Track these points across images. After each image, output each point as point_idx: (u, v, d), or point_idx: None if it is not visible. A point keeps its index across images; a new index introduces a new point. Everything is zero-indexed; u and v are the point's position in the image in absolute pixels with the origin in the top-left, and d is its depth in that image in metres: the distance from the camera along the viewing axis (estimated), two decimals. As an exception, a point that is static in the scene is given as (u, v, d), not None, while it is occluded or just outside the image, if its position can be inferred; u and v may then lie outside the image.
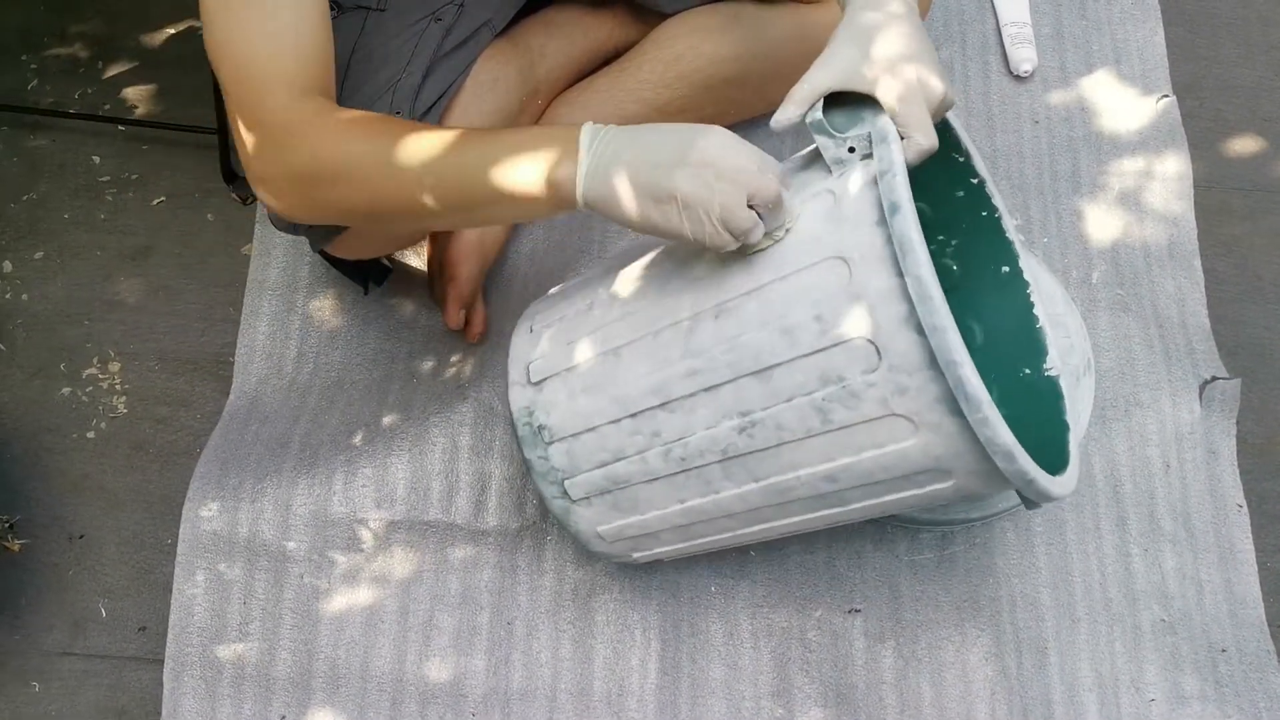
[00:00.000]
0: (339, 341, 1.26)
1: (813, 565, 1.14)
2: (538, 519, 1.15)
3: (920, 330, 0.81)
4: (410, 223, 1.05)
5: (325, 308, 1.27)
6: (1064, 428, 0.98)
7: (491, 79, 1.15)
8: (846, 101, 0.86)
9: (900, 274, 0.81)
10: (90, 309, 1.29)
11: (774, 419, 0.87)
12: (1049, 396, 1.01)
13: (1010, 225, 1.04)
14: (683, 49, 1.22)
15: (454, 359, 1.24)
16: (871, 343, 0.83)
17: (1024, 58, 1.40)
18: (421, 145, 0.90)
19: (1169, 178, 1.34)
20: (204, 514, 1.13)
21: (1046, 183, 1.34)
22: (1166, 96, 1.39)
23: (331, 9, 1.10)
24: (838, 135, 0.85)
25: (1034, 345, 1.03)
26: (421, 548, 1.13)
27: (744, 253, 0.87)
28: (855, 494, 0.91)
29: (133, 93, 1.40)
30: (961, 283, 1.06)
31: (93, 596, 1.16)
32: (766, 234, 0.85)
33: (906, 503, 0.92)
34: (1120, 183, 1.34)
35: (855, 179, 0.84)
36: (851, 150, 0.85)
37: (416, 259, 1.29)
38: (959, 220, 1.05)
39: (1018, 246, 1.04)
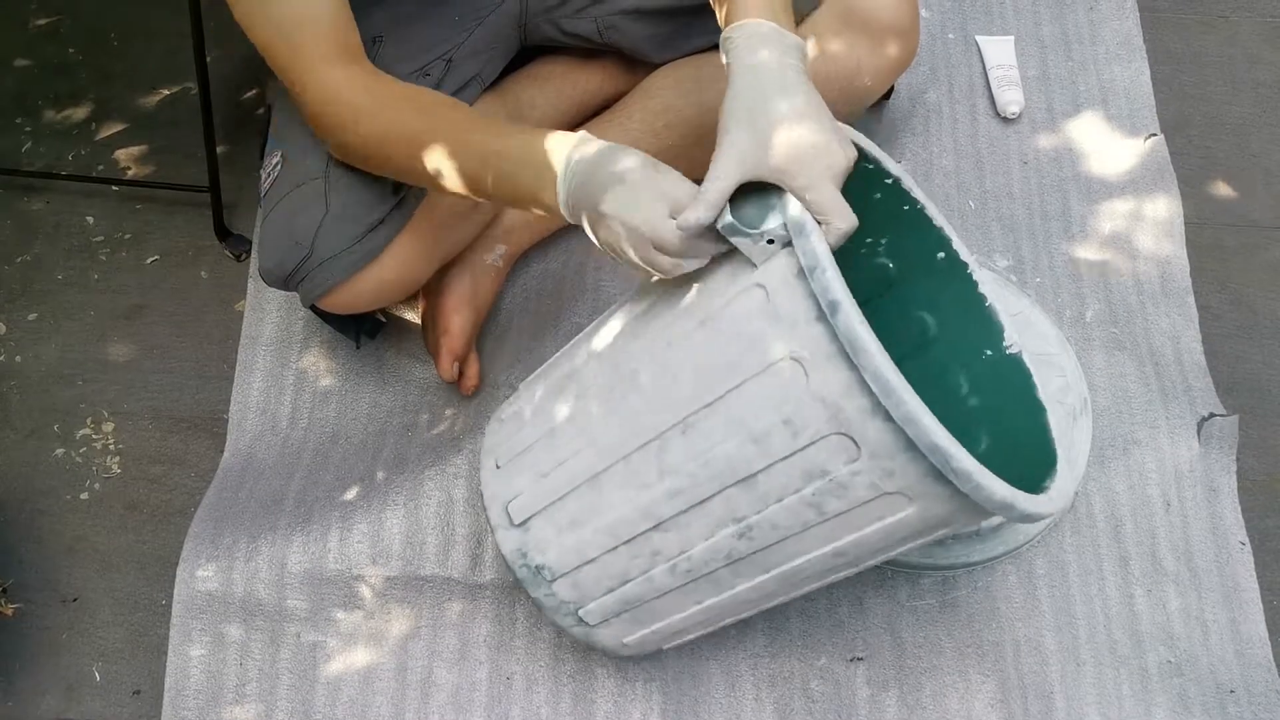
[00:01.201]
0: (333, 397, 1.25)
1: (814, 613, 1.13)
2: (535, 572, 1.14)
3: (888, 418, 0.80)
4: (461, 192, 1.05)
5: (319, 363, 1.27)
6: (1040, 409, 0.97)
7: (481, 132, 1.16)
8: (752, 187, 0.84)
9: (854, 367, 0.80)
10: (84, 369, 1.29)
11: (769, 520, 0.88)
12: (1017, 376, 1.00)
13: (935, 212, 1.02)
14: (671, 98, 1.23)
15: (448, 411, 1.23)
16: (845, 435, 0.82)
17: (1011, 100, 1.40)
18: (440, 144, 0.96)
19: (1159, 215, 1.34)
20: (199, 574, 1.12)
21: (1037, 223, 1.34)
22: (1154, 135, 1.39)
23: (321, 67, 1.11)
24: (753, 232, 0.83)
25: (988, 325, 1.02)
26: (418, 603, 1.12)
27: (689, 278, 0.88)
28: (866, 555, 0.91)
29: (125, 154, 1.41)
30: (901, 277, 1.05)
31: (87, 660, 1.15)
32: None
33: (910, 550, 0.93)
34: (1111, 221, 1.34)
35: (780, 269, 0.83)
36: (770, 242, 0.83)
37: (410, 312, 1.29)
38: (882, 219, 1.02)
39: (947, 230, 1.02)
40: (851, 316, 0.79)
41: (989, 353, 1.02)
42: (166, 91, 1.45)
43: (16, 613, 1.15)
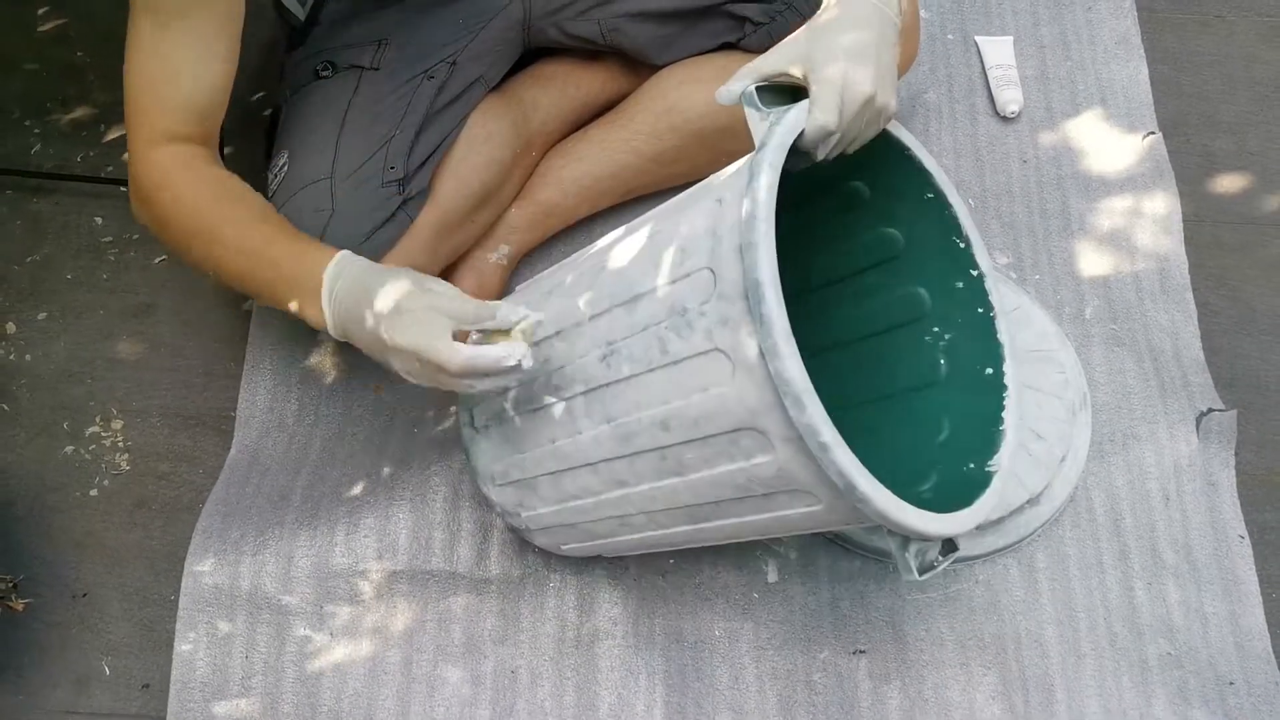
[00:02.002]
0: (339, 394, 1.27)
1: (816, 606, 1.14)
2: (540, 566, 1.15)
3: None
4: (225, 286, 1.11)
5: (326, 361, 1.28)
6: (971, 509, 0.92)
7: (485, 133, 1.17)
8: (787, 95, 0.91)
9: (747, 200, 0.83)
10: (93, 368, 1.30)
11: (627, 348, 0.89)
12: (974, 488, 0.96)
13: (1003, 327, 1.02)
14: (674, 100, 1.25)
15: (453, 408, 1.24)
16: (711, 270, 0.84)
17: (1010, 99, 1.42)
18: (228, 232, 0.98)
19: (1158, 213, 1.35)
20: (206, 569, 1.13)
21: (1036, 221, 1.36)
22: (1152, 133, 1.40)
23: (325, 70, 1.13)
24: (763, 109, 0.89)
25: (989, 444, 0.99)
26: (424, 598, 1.13)
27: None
28: (689, 455, 0.88)
29: (134, 155, 1.42)
30: (946, 380, 1.05)
31: (96, 655, 1.16)
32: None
33: (739, 482, 0.87)
34: (1109, 219, 1.35)
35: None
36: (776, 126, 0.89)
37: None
38: (955, 314, 1.04)
39: (1006, 349, 1.02)
40: (764, 164, 0.83)
41: (970, 466, 0.99)
42: (174, 94, 1.46)
43: (27, 608, 1.16)
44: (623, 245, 0.94)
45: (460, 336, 0.89)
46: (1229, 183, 1.42)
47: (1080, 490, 1.19)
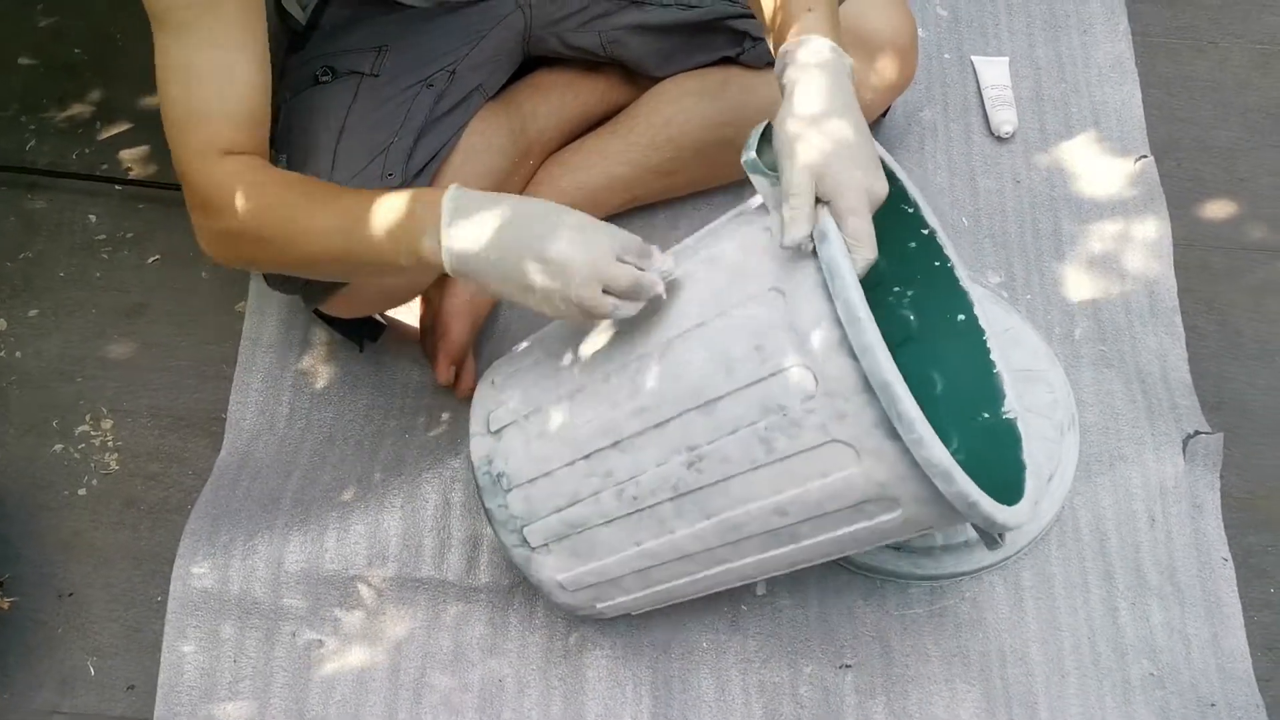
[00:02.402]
0: (331, 398, 1.27)
1: (804, 620, 1.14)
2: (529, 575, 1.15)
3: (852, 354, 0.82)
4: (329, 278, 1.08)
5: (318, 365, 1.28)
6: (1021, 467, 0.99)
7: (484, 142, 1.17)
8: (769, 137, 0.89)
9: (830, 299, 0.82)
10: (83, 366, 1.30)
11: (719, 452, 0.89)
12: (1008, 439, 1.02)
13: (963, 274, 1.06)
14: (673, 112, 1.25)
15: (445, 415, 1.25)
16: (808, 369, 0.84)
17: (1004, 119, 1.43)
18: (314, 216, 0.93)
19: (1149, 236, 1.37)
20: (194, 571, 1.13)
21: (1029, 241, 1.37)
22: (1145, 157, 1.42)
23: (324, 75, 1.13)
24: (770, 175, 0.87)
25: (991, 390, 1.04)
26: (413, 605, 1.13)
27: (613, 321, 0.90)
28: (806, 528, 0.91)
29: (129, 153, 1.42)
30: (920, 334, 1.08)
31: (81, 655, 1.15)
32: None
33: (860, 537, 0.92)
34: (1101, 241, 1.37)
35: None
36: None
37: (409, 316, 1.30)
38: (913, 271, 1.07)
39: (971, 295, 1.06)
40: (836, 246, 0.82)
41: (986, 415, 1.04)
42: (170, 93, 1.46)
43: (12, 607, 1.15)
44: (660, 344, 0.90)
45: None
46: (1219, 208, 1.44)
47: (1067, 510, 1.20)
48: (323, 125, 1.11)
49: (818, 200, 0.84)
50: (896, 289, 1.08)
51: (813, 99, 0.86)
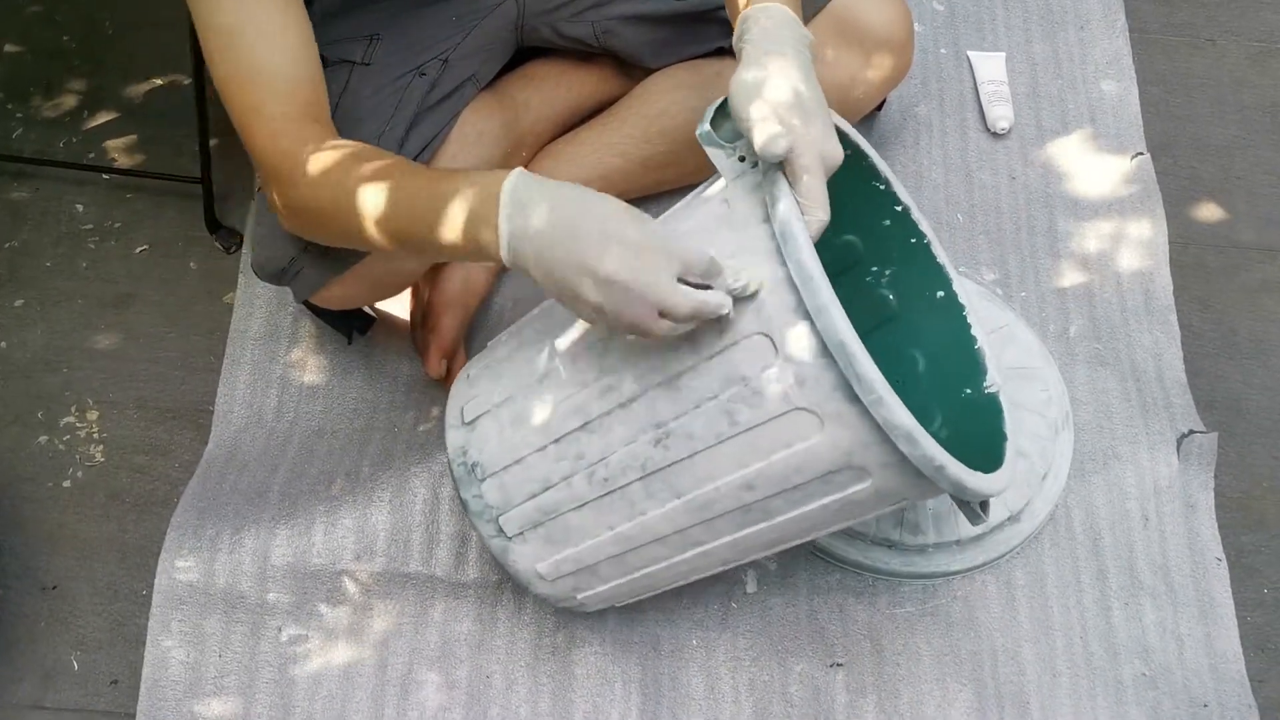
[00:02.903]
0: (320, 391, 1.25)
1: (794, 618, 1.14)
2: (518, 571, 1.14)
3: (809, 316, 0.81)
4: (401, 254, 1.06)
5: (307, 358, 1.27)
6: (1003, 438, 0.98)
7: (476, 132, 1.16)
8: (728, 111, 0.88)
9: (785, 263, 0.82)
10: (69, 357, 1.28)
11: (685, 428, 0.88)
12: (990, 413, 1.01)
13: (939, 250, 1.06)
14: (666, 104, 1.24)
15: (435, 410, 1.23)
16: (766, 336, 0.83)
17: (1001, 115, 1.42)
18: (380, 193, 0.91)
19: (1144, 234, 1.36)
20: (180, 565, 1.12)
21: (1024, 238, 1.36)
22: (1141, 154, 1.41)
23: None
24: (726, 146, 0.87)
25: (973, 365, 1.04)
26: (401, 600, 1.12)
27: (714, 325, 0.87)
28: (778, 503, 0.90)
29: (117, 143, 1.41)
30: (900, 312, 1.07)
31: (65, 648, 1.14)
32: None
33: (835, 510, 0.90)
34: (1096, 239, 1.36)
35: (746, 185, 0.87)
36: (742, 159, 0.88)
37: (400, 309, 1.29)
38: (890, 250, 1.06)
39: (949, 270, 1.06)
40: (790, 209, 0.82)
41: (968, 391, 1.03)
42: (160, 81, 1.45)
43: (-5, 599, 1.14)
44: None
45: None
46: (1215, 206, 1.43)
47: (1060, 509, 1.19)
48: (313, 114, 1.09)
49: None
50: (875, 268, 1.07)
51: (769, 61, 0.86)
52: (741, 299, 0.84)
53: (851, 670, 1.11)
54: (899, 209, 1.04)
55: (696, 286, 0.82)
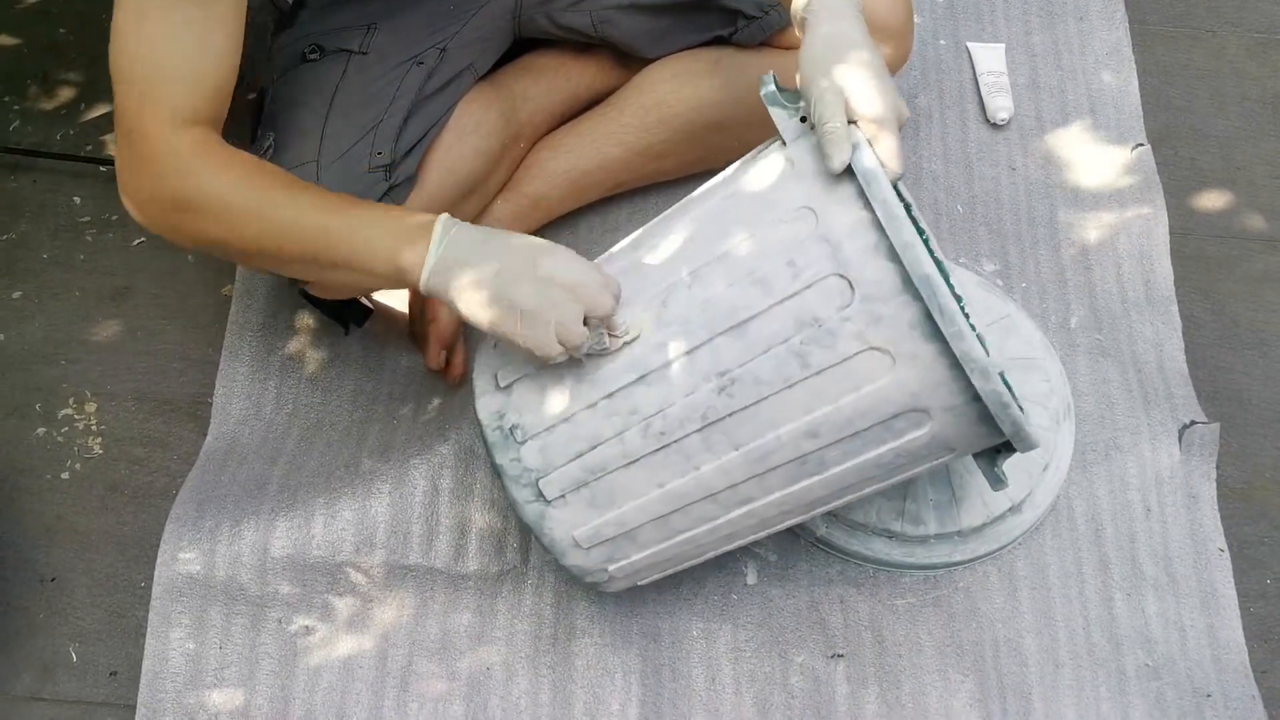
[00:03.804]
0: (319, 383, 1.25)
1: (796, 609, 1.13)
2: (518, 563, 1.14)
3: (890, 256, 0.84)
4: (266, 266, 1.08)
5: (306, 350, 1.27)
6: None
7: (474, 122, 1.16)
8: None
9: (866, 207, 0.84)
10: (67, 349, 1.28)
11: (752, 374, 0.88)
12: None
13: (936, 245, 1.07)
14: (664, 94, 1.24)
15: (435, 401, 1.23)
16: (843, 277, 0.85)
17: (1000, 106, 1.41)
18: (290, 201, 0.94)
19: (1145, 225, 1.35)
20: (180, 556, 1.11)
21: (1024, 228, 1.35)
22: (1141, 145, 1.41)
23: (313, 53, 1.11)
24: (790, 107, 0.90)
25: None
26: (401, 592, 1.12)
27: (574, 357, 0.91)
28: (835, 453, 0.90)
29: (114, 135, 1.40)
30: None
31: (63, 641, 1.14)
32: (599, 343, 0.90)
33: (885, 463, 0.92)
34: (1097, 229, 1.35)
35: (809, 144, 0.88)
36: (803, 120, 0.90)
37: (398, 301, 1.28)
38: None
39: (947, 268, 1.07)
40: (869, 155, 0.84)
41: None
42: (157, 74, 1.44)
43: (-7, 592, 1.14)
44: (686, 274, 0.91)
45: None
46: (1215, 197, 1.43)
47: (1062, 499, 1.19)
48: (310, 103, 1.09)
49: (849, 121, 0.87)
50: None
51: (835, 29, 0.89)
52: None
53: (853, 661, 1.11)
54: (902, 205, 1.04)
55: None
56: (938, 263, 1.06)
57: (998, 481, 0.95)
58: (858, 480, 0.94)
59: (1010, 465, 0.97)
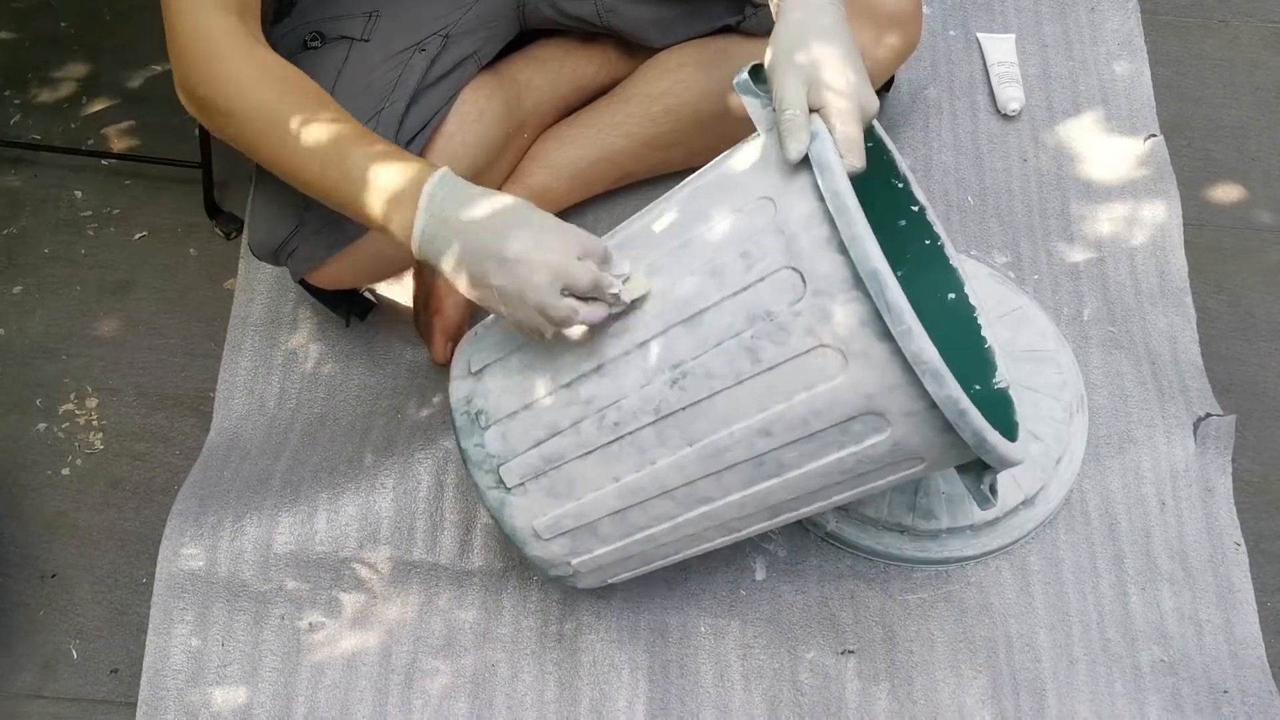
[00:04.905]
0: (322, 377, 1.24)
1: (805, 604, 1.12)
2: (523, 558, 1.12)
3: (842, 249, 0.81)
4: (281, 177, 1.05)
5: (309, 344, 1.25)
6: (1014, 428, 0.97)
7: (477, 111, 1.15)
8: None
9: (821, 198, 0.82)
10: (68, 344, 1.27)
11: (704, 367, 0.86)
12: (1001, 407, 1.00)
13: (952, 252, 1.06)
14: (670, 84, 1.22)
15: (438, 396, 1.22)
16: (795, 270, 0.83)
17: (1011, 97, 1.40)
18: (307, 129, 0.92)
19: (1158, 216, 1.34)
20: (182, 552, 1.10)
21: (1036, 220, 1.34)
22: (1154, 136, 1.39)
23: (314, 41, 1.10)
24: (762, 96, 0.88)
25: (983, 364, 1.03)
26: (405, 588, 1.11)
27: (578, 333, 0.89)
28: (791, 455, 0.88)
29: (115, 129, 1.39)
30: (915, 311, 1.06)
31: (64, 637, 1.13)
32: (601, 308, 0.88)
33: (848, 468, 0.89)
34: (1110, 221, 1.34)
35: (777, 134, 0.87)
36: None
37: (402, 294, 1.27)
38: (904, 251, 1.05)
39: (961, 272, 1.06)
40: (827, 144, 0.82)
41: (977, 387, 1.02)
42: (158, 68, 1.43)
43: (-7, 589, 1.13)
44: (645, 263, 0.90)
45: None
46: (1229, 187, 1.41)
47: (1075, 493, 1.17)
48: (312, 92, 1.08)
49: (811, 110, 0.85)
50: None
51: (806, 16, 0.88)
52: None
53: (863, 657, 1.09)
54: (915, 209, 1.03)
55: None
56: (945, 257, 1.05)
57: (985, 500, 0.91)
58: (821, 486, 0.91)
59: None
